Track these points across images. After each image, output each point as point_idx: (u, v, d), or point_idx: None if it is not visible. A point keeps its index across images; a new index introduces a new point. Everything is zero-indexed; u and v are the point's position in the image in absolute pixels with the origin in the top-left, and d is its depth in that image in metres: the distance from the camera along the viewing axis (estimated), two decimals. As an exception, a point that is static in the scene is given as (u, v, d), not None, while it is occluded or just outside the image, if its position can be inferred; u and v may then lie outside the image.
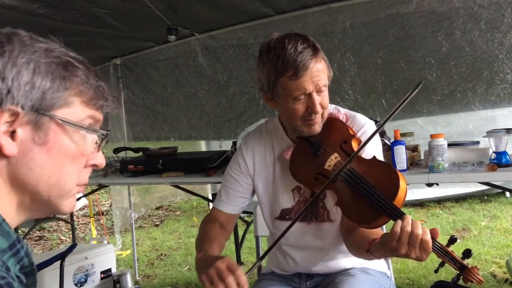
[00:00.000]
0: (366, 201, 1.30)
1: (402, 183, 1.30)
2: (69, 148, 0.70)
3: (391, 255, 1.22)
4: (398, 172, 1.35)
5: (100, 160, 0.77)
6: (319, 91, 1.38)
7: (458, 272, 1.22)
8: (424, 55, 2.86)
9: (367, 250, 1.29)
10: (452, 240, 1.21)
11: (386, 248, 1.21)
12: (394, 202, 1.26)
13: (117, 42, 3.60)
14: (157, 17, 3.07)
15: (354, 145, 1.43)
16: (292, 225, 1.35)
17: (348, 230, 1.46)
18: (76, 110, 0.71)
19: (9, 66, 0.65)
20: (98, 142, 0.75)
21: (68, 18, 2.93)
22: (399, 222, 1.19)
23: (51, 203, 0.71)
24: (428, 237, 1.15)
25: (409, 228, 1.16)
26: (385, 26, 2.91)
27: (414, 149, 2.34)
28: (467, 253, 1.21)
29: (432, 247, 1.18)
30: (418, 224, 1.17)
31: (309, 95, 1.37)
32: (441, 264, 1.24)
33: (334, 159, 1.42)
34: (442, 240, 1.22)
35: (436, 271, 1.26)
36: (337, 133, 1.46)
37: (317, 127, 1.44)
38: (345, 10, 2.99)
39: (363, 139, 1.47)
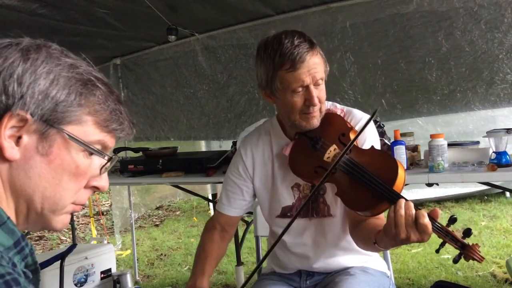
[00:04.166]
0: (365, 188, 1.31)
1: (400, 170, 1.32)
2: (70, 164, 0.70)
3: (395, 242, 1.23)
4: (397, 160, 1.38)
5: (103, 182, 0.76)
6: (316, 84, 1.41)
7: (459, 251, 1.22)
8: (424, 55, 2.86)
9: (374, 242, 1.31)
10: (452, 220, 1.21)
11: (388, 235, 1.22)
12: (393, 188, 1.28)
13: (117, 42, 3.60)
14: (157, 17, 3.08)
15: (352, 137, 1.44)
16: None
17: (354, 224, 1.47)
18: (88, 129, 0.71)
19: (29, 72, 0.66)
20: (104, 165, 0.74)
21: (68, 18, 2.93)
22: (392, 207, 1.20)
23: (44, 216, 0.71)
24: (426, 220, 1.16)
25: (402, 212, 1.17)
26: (385, 26, 2.91)
27: (414, 149, 2.34)
28: (467, 232, 1.21)
29: (433, 228, 1.18)
30: (411, 205, 1.18)
31: (307, 88, 1.40)
32: (442, 244, 1.24)
33: (333, 150, 1.44)
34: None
35: (437, 251, 1.25)
36: (335, 126, 1.48)
37: (315, 121, 1.46)
38: (345, 10, 2.99)
39: None
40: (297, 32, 1.41)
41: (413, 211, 1.17)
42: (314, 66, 1.39)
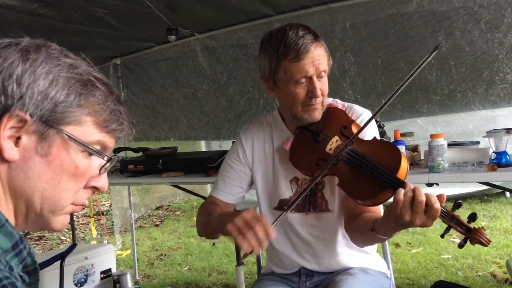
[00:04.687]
0: (368, 177, 1.31)
1: (403, 160, 1.32)
2: (70, 165, 0.70)
3: (395, 226, 1.22)
4: (399, 149, 1.38)
5: (103, 183, 0.76)
6: (319, 76, 1.42)
7: (464, 236, 1.21)
8: (424, 55, 2.83)
9: (371, 229, 1.30)
10: (457, 205, 1.20)
11: (390, 218, 1.21)
12: (397, 175, 1.27)
13: (117, 42, 3.60)
14: (157, 17, 3.07)
15: (354, 130, 1.45)
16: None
17: (350, 218, 1.47)
18: (87, 130, 0.71)
19: (28, 73, 0.66)
20: (103, 165, 0.74)
21: (68, 18, 2.93)
22: (401, 189, 1.19)
23: (43, 216, 0.71)
24: (438, 205, 1.16)
25: (411, 194, 1.17)
26: (385, 26, 2.91)
27: (414, 149, 2.34)
28: (472, 217, 1.21)
29: None
30: (421, 191, 1.18)
31: (310, 79, 1.40)
32: (447, 229, 1.23)
33: (334, 142, 1.44)
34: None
35: (442, 236, 1.24)
36: (337, 119, 1.49)
37: (317, 114, 1.46)
38: (345, 10, 2.98)
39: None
40: (301, 24, 1.43)
41: (423, 198, 1.16)
42: (318, 57, 1.39)
